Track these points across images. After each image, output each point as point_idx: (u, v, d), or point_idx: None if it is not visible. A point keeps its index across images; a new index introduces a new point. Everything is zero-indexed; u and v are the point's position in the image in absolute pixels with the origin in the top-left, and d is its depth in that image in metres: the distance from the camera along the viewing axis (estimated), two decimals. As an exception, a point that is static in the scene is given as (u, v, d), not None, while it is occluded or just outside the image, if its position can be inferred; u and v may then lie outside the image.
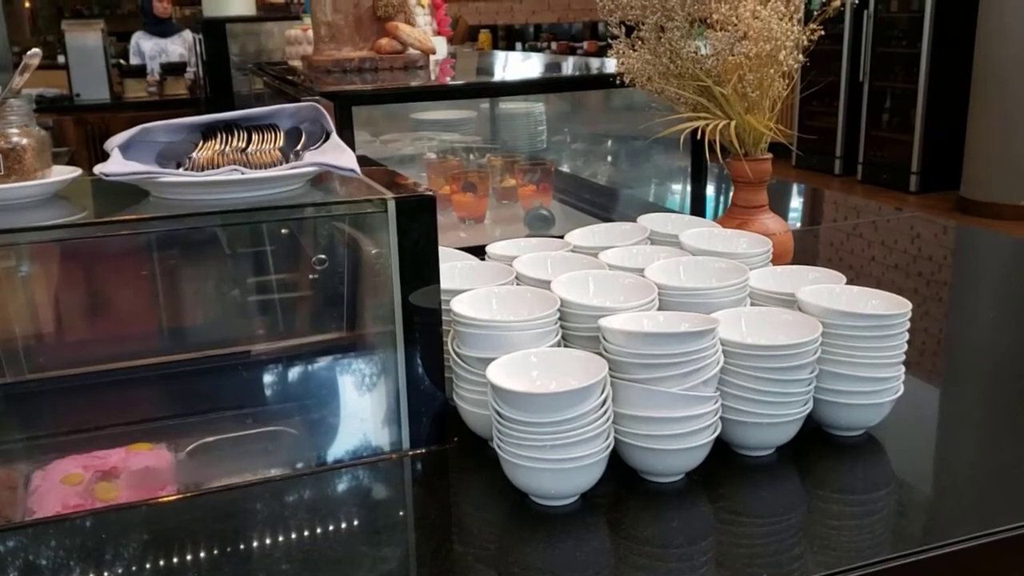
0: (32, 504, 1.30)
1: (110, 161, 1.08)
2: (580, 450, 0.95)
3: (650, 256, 1.26)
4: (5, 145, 1.04)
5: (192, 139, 1.17)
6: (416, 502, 1.12)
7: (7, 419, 1.43)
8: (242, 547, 1.01)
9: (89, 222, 1.03)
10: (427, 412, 1.12)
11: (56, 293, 1.45)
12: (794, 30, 1.52)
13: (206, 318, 1.59)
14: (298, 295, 1.60)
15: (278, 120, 1.21)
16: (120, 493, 1.33)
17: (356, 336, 1.49)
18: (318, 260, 1.49)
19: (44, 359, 1.48)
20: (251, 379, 1.52)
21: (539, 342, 1.05)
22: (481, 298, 1.12)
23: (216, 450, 1.45)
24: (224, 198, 1.07)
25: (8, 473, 1.36)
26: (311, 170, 1.09)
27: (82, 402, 1.48)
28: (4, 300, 1.38)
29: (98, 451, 1.42)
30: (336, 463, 1.21)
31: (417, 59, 2.29)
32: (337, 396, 1.43)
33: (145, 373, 1.51)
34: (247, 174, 1.05)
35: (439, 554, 1.02)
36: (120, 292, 1.49)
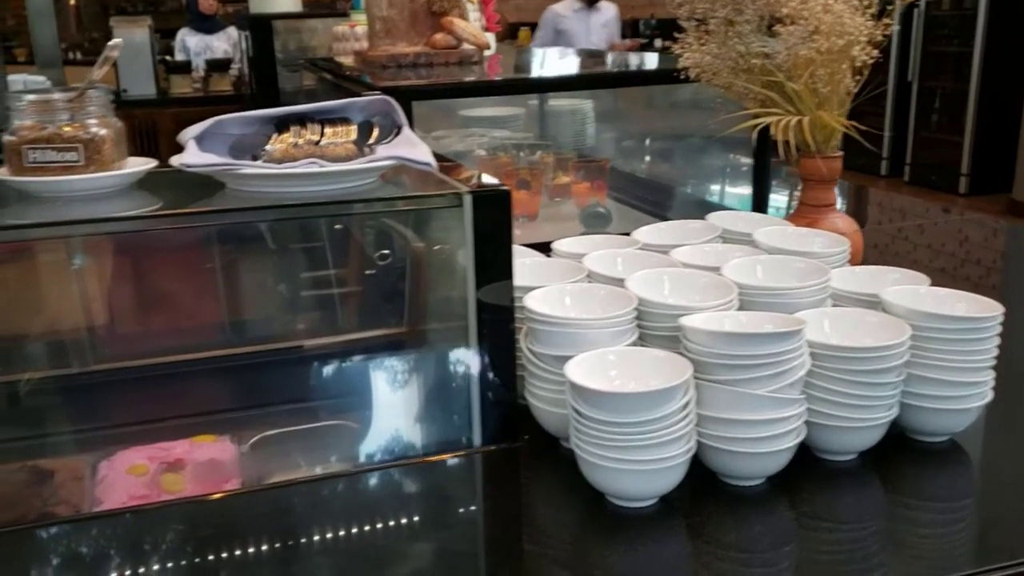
0: (99, 494, 1.31)
1: (187, 153, 1.07)
2: (663, 452, 0.93)
3: (724, 255, 1.23)
4: (84, 135, 1.04)
5: (264, 132, 1.16)
6: (487, 499, 1.10)
7: (72, 409, 1.44)
8: (308, 541, 1.00)
9: (172, 212, 1.02)
10: (498, 409, 1.10)
11: (123, 284, 1.46)
12: (867, 24, 1.48)
13: (268, 311, 1.59)
14: (358, 290, 1.60)
15: (349, 113, 1.20)
16: (186, 485, 1.33)
17: (418, 331, 1.48)
18: (380, 255, 1.48)
19: (109, 350, 1.49)
20: (312, 373, 1.52)
21: (616, 341, 1.03)
22: (554, 295, 1.10)
23: (278, 443, 1.44)
24: (299, 191, 1.07)
25: (75, 463, 1.36)
26: (388, 163, 1.08)
27: (146, 393, 1.49)
28: (72, 290, 1.39)
29: (162, 442, 1.43)
30: (404, 458, 1.20)
31: (472, 54, 2.27)
32: (401, 391, 1.42)
33: (208, 365, 1.52)
34: (326, 167, 1.04)
35: (510, 552, 1.00)
36: (186, 284, 1.50)
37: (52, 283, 1.36)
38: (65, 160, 1.03)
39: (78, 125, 1.04)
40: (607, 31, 5.69)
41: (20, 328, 1.41)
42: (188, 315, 1.55)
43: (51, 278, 1.34)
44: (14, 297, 1.38)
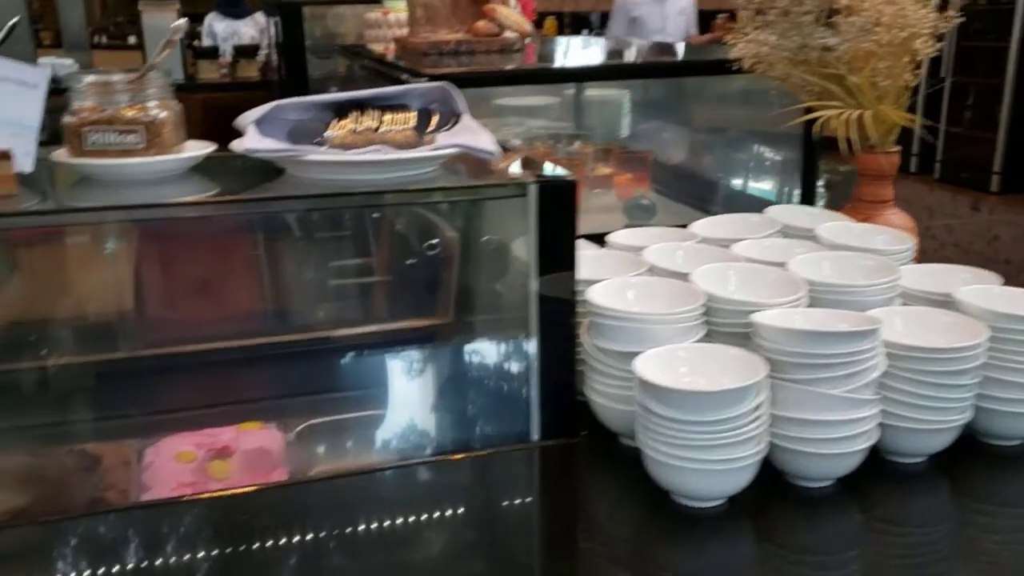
0: (146, 480, 1.30)
1: (249, 138, 1.06)
2: (734, 452, 0.90)
3: (787, 250, 1.20)
4: (145, 118, 1.02)
5: (322, 118, 1.14)
6: (543, 495, 1.08)
7: (118, 394, 1.43)
8: (359, 533, 0.98)
9: (241, 199, 1.01)
10: (558, 404, 1.08)
11: (172, 269, 1.45)
12: (930, 17, 1.44)
13: (314, 299, 1.57)
14: (404, 279, 1.58)
15: (408, 100, 1.18)
16: (233, 472, 1.32)
17: (466, 322, 1.46)
18: (429, 245, 1.46)
19: (155, 335, 1.48)
20: (358, 362, 1.50)
21: (683, 337, 1.00)
22: (617, 289, 1.08)
23: (325, 432, 1.43)
24: (360, 179, 1.05)
25: (120, 448, 1.36)
26: (452, 151, 1.06)
27: (191, 380, 1.48)
28: (120, 274, 1.38)
29: (209, 429, 1.42)
30: (457, 452, 1.19)
31: (514, 42, 2.25)
32: (452, 383, 1.40)
33: (253, 353, 1.51)
34: (392, 154, 1.02)
35: (566, 550, 0.99)
36: (234, 271, 1.49)
37: (100, 266, 1.35)
38: (125, 143, 1.01)
39: (138, 107, 1.03)
40: (683, 20, 5.41)
41: (68, 311, 1.40)
42: (234, 301, 1.54)
43: (99, 261, 1.33)
44: (63, 279, 1.37)
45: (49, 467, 1.29)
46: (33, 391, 1.40)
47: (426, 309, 1.53)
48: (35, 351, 1.42)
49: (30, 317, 1.38)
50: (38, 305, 1.36)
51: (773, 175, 2.19)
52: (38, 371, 1.39)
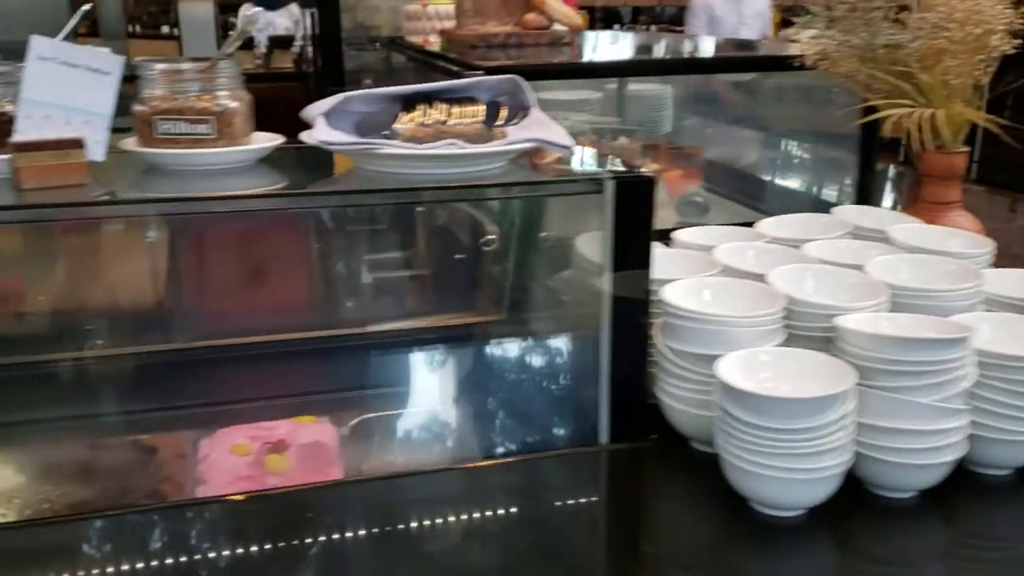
0: (202, 473, 1.29)
1: (320, 130, 1.04)
2: (819, 462, 0.88)
3: (859, 252, 1.17)
4: (216, 108, 1.01)
5: (389, 110, 1.12)
6: (611, 499, 1.06)
7: (173, 385, 1.42)
8: (423, 533, 0.96)
9: (318, 192, 0.99)
10: (628, 406, 1.06)
11: (230, 260, 1.44)
12: (1006, 13, 1.40)
13: (368, 294, 1.56)
14: (459, 274, 1.56)
15: (475, 93, 1.15)
16: (290, 466, 1.31)
17: (525, 319, 1.44)
18: (485, 240, 1.44)
19: (210, 326, 1.47)
20: (411, 358, 1.49)
21: (763, 341, 0.98)
22: (692, 289, 1.05)
23: (379, 427, 1.42)
24: (432, 173, 1.03)
25: (176, 440, 1.35)
26: (528, 145, 1.04)
27: (245, 372, 1.47)
28: (179, 264, 1.37)
29: (263, 422, 1.41)
30: (519, 452, 1.17)
31: (563, 35, 2.22)
32: (509, 382, 1.38)
33: (308, 346, 1.49)
34: (467, 148, 1.00)
35: (634, 554, 0.96)
36: (290, 263, 1.47)
37: (159, 256, 1.34)
38: (196, 132, 1.00)
39: (209, 97, 1.01)
40: (760, 23, 5.28)
41: (124, 301, 1.39)
42: (290, 294, 1.53)
43: (158, 251, 1.32)
44: (119, 268, 1.36)
45: (106, 459, 1.28)
46: (89, 381, 1.39)
47: (480, 305, 1.51)
48: (91, 340, 1.42)
49: (86, 306, 1.38)
50: (95, 294, 1.36)
51: (825, 174, 2.15)
52: (94, 360, 1.39)
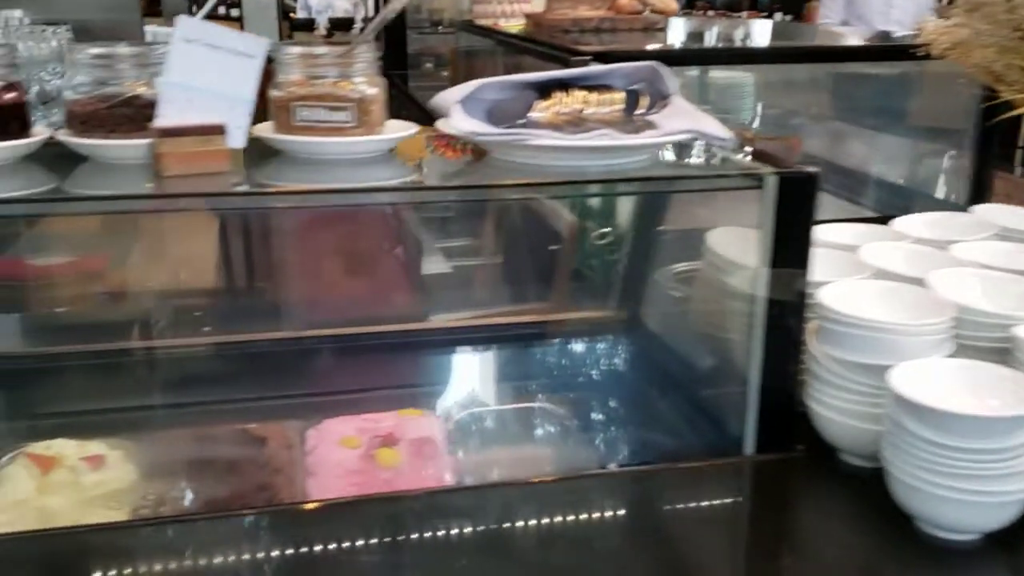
0: (311, 464, 1.27)
1: (459, 119, 0.99)
2: (1003, 485, 0.82)
3: (1015, 255, 1.10)
4: (355, 95, 0.97)
5: (523, 98, 1.08)
6: (759, 514, 1.01)
7: (280, 374, 1.40)
8: (546, 542, 0.91)
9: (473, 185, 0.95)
10: (778, 414, 1.00)
11: (335, 250, 1.41)
12: None
13: (477, 286, 1.52)
14: (565, 267, 1.52)
15: (612, 80, 1.10)
16: (400, 461, 1.28)
17: (636, 316, 1.39)
18: (600, 234, 1.39)
19: (313, 316, 1.44)
20: (521, 352, 1.45)
21: (931, 351, 0.91)
22: (851, 293, 0.99)
23: (487, 423, 1.38)
24: (576, 164, 0.98)
25: (283, 431, 1.32)
26: (683, 136, 0.99)
27: (347, 363, 1.44)
28: (294, 255, 1.34)
29: (369, 414, 1.38)
30: (656, 461, 1.12)
31: (656, 21, 2.16)
32: (621, 381, 1.33)
33: (410, 338, 1.46)
34: (622, 139, 0.95)
35: (784, 571, 0.91)
36: (397, 255, 1.44)
37: (272, 244, 1.31)
38: (335, 120, 0.96)
39: (348, 83, 0.97)
40: (913, 4, 4.67)
41: (232, 289, 1.37)
42: (393, 285, 1.50)
43: (272, 240, 1.30)
44: (231, 256, 1.34)
45: (217, 450, 1.26)
46: (194, 368, 1.38)
47: (589, 301, 1.46)
48: (198, 327, 1.40)
49: (195, 292, 1.36)
50: (204, 280, 1.34)
51: (931, 170, 2.06)
52: (202, 348, 1.37)
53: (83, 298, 1.50)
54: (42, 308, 1.52)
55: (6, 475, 1.21)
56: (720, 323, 1.15)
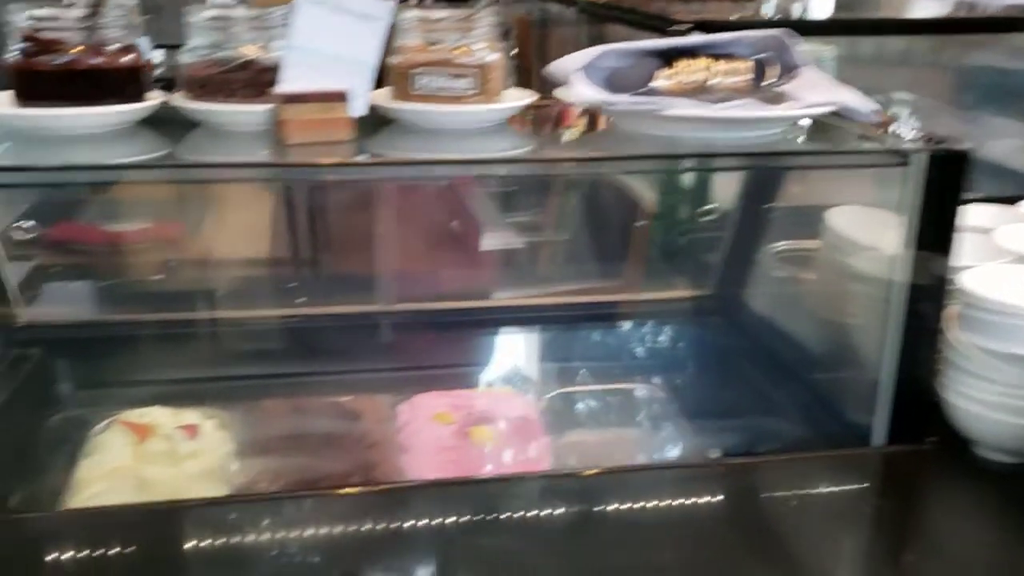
0: (404, 439, 1.25)
1: (582, 88, 0.95)
2: None
3: None
4: (477, 61, 0.93)
5: (644, 65, 1.03)
6: (887, 508, 0.96)
7: (371, 348, 1.38)
8: (656, 536, 0.87)
9: (597, 157, 0.90)
10: (912, 405, 0.95)
11: (430, 223, 1.38)
12: None
13: (570, 263, 1.48)
14: (670, 245, 1.47)
15: (737, 49, 1.05)
16: (495, 439, 1.25)
17: (742, 297, 1.34)
18: (705, 211, 1.34)
19: (402, 290, 1.41)
20: (612, 331, 1.41)
21: (1089, 341, 0.86)
22: (996, 278, 0.93)
23: (581, 403, 1.35)
24: (707, 136, 0.93)
25: (376, 405, 1.31)
26: (826, 109, 0.93)
27: (432, 337, 1.42)
28: (384, 227, 1.31)
29: (460, 390, 1.36)
30: (766, 451, 1.07)
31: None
32: (724, 364, 1.29)
33: (496, 315, 1.43)
34: (764, 111, 0.90)
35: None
36: (486, 228, 1.41)
37: (370, 217, 1.28)
38: (456, 88, 0.92)
39: (468, 49, 0.93)
40: None
41: (325, 261, 1.35)
42: (480, 261, 1.47)
43: (372, 212, 1.27)
44: (328, 227, 1.31)
45: (315, 423, 1.25)
46: (287, 340, 1.36)
47: (692, 279, 1.41)
48: (291, 299, 1.38)
49: (291, 262, 1.35)
50: (301, 251, 1.32)
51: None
52: (296, 319, 1.36)
53: (170, 266, 1.50)
54: (128, 275, 1.52)
55: (102, 442, 1.21)
56: (840, 307, 1.10)
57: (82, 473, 1.15)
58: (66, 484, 1.12)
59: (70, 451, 1.21)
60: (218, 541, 0.89)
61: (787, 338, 1.21)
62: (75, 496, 1.11)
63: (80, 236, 1.56)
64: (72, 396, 1.31)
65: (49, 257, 1.43)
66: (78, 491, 1.12)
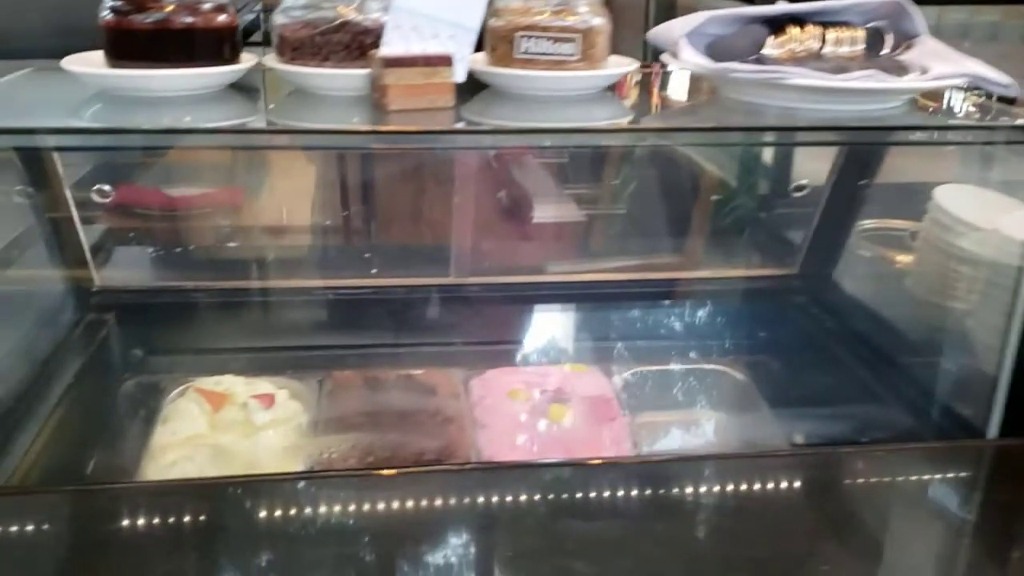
0: (479, 416, 1.22)
1: (688, 54, 0.90)
2: None
3: None
4: (581, 25, 0.88)
5: (749, 33, 0.98)
6: (999, 507, 0.92)
7: (441, 320, 1.35)
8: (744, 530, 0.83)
9: (706, 127, 0.86)
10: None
11: (503, 195, 1.34)
12: None
13: (655, 239, 1.43)
14: (748, 219, 1.42)
15: (848, 17, 0.99)
16: (572, 418, 1.22)
17: (830, 276, 1.29)
18: (797, 187, 1.29)
19: (483, 263, 1.38)
20: (692, 309, 1.36)
21: None
22: None
23: (659, 383, 1.31)
24: (828, 108, 0.88)
25: (448, 378, 1.28)
26: (958, 82, 0.88)
27: (509, 311, 1.38)
28: (452, 197, 1.28)
29: (534, 367, 1.33)
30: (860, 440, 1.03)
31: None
32: (814, 347, 1.24)
33: (567, 290, 1.39)
34: (897, 83, 0.85)
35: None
36: (564, 201, 1.37)
37: (449, 188, 1.25)
38: (559, 53, 0.88)
39: (570, 12, 0.89)
40: None
41: (396, 231, 1.32)
42: (559, 234, 1.43)
43: (451, 184, 1.23)
44: (405, 198, 1.28)
45: (390, 397, 1.23)
46: (357, 311, 1.34)
47: (777, 256, 1.36)
48: (364, 269, 1.36)
49: (363, 232, 1.32)
50: (373, 220, 1.29)
51: None
52: (368, 290, 1.33)
53: (241, 232, 1.47)
54: (198, 241, 1.50)
55: (177, 409, 1.20)
56: (946, 290, 1.05)
57: (158, 440, 1.14)
58: (143, 451, 1.11)
59: (145, 417, 1.20)
60: (293, 516, 0.86)
61: (881, 322, 1.16)
62: (152, 463, 1.10)
63: (142, 200, 1.54)
64: (145, 361, 1.31)
65: (120, 218, 1.42)
66: (154, 458, 1.11)
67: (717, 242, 1.49)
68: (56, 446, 1.05)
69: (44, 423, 1.05)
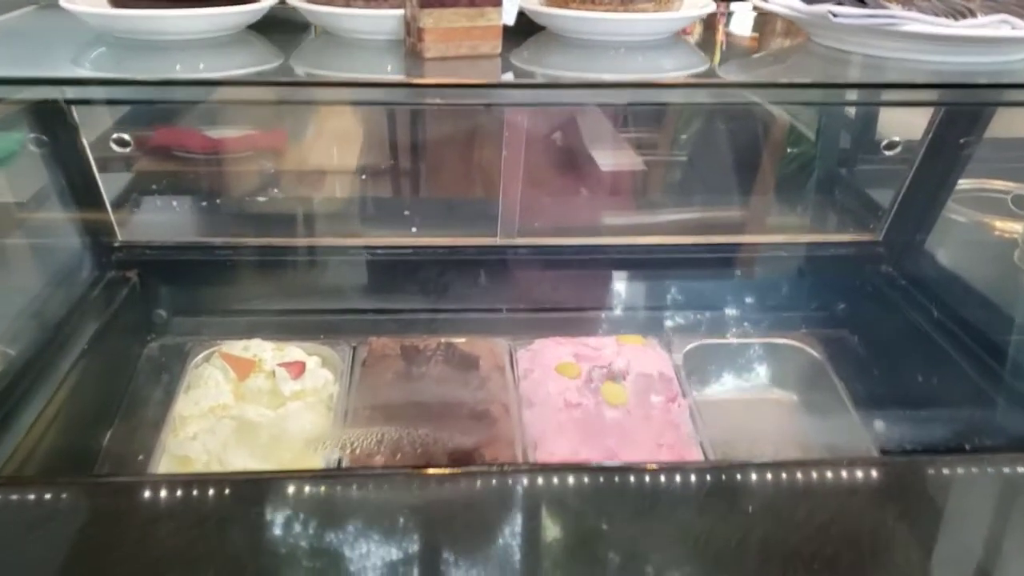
0: (526, 390, 1.12)
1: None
2: None
3: None
4: (657, -40, 0.75)
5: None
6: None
7: (486, 285, 1.24)
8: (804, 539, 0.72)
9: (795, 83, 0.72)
10: None
11: (551, 154, 1.22)
12: None
13: (720, 199, 1.30)
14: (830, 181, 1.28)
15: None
16: (629, 399, 1.11)
17: (921, 247, 1.15)
18: (890, 143, 1.14)
19: (533, 223, 1.26)
20: (759, 276, 1.24)
21: None
22: None
23: (721, 358, 1.20)
24: (947, 60, 0.74)
25: (493, 347, 1.18)
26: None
27: (559, 276, 1.27)
28: (513, 154, 1.16)
29: (585, 338, 1.21)
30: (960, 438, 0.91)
31: None
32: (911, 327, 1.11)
33: (630, 253, 1.27)
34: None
35: None
36: (614, 149, 1.24)
37: (497, 146, 1.13)
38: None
39: (641, -58, 0.75)
40: None
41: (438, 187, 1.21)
42: (617, 186, 1.30)
43: (498, 141, 1.11)
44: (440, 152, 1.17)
45: (430, 368, 1.13)
46: (396, 272, 1.24)
47: (860, 222, 1.22)
48: (403, 228, 1.25)
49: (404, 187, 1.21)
50: (414, 174, 1.18)
51: None
52: (407, 251, 1.23)
53: (273, 185, 1.38)
54: (229, 193, 1.40)
55: (201, 376, 1.12)
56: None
57: (180, 409, 1.07)
58: (164, 419, 1.04)
59: (168, 383, 1.13)
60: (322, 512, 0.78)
61: (980, 298, 1.02)
62: (173, 434, 1.03)
63: (180, 141, 1.45)
64: (169, 322, 1.23)
65: (147, 167, 1.33)
66: (175, 430, 1.04)
67: (791, 201, 1.35)
68: (72, 414, 0.98)
69: (58, 388, 0.97)
